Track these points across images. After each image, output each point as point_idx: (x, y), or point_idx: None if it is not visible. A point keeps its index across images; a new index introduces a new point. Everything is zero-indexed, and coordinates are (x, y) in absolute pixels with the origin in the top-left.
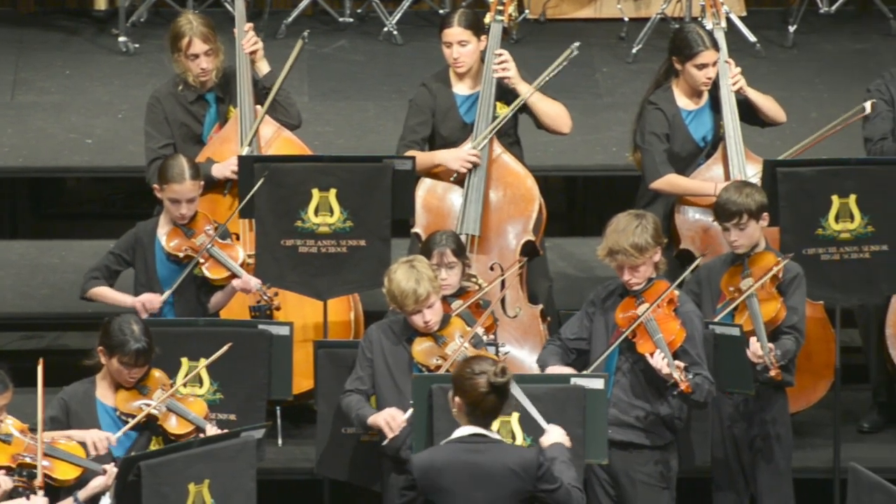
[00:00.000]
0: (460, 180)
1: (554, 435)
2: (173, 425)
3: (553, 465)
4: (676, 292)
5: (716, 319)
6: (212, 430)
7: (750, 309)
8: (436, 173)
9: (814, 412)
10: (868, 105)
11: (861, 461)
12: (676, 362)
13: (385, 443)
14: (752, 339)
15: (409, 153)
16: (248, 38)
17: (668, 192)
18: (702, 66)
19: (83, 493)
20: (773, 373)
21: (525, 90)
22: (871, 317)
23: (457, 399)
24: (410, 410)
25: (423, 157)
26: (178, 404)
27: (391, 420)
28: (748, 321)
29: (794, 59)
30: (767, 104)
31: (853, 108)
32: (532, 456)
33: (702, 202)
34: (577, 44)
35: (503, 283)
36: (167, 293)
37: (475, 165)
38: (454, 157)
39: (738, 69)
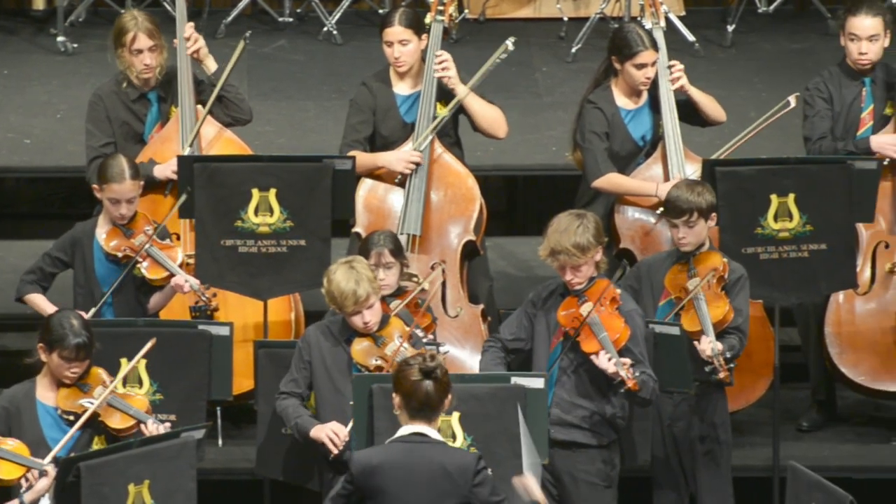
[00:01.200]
0: (404, 182)
1: (522, 480)
2: (115, 421)
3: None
4: (619, 290)
5: (665, 319)
6: (153, 424)
7: (698, 310)
8: (378, 174)
9: (753, 411)
10: (792, 99)
11: (800, 460)
12: (623, 360)
13: (330, 458)
14: (704, 339)
15: (352, 153)
16: (189, 38)
17: (610, 192)
18: (641, 66)
19: (29, 496)
20: (721, 375)
21: (462, 90)
22: (810, 315)
23: (395, 397)
24: (352, 423)
25: (366, 159)
26: (119, 400)
27: (334, 436)
28: (695, 322)
29: (732, 59)
30: (708, 103)
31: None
32: (470, 460)
33: (642, 202)
34: (511, 39)
35: (444, 283)
36: (106, 296)
37: (417, 166)
38: (397, 159)
39: (681, 66)
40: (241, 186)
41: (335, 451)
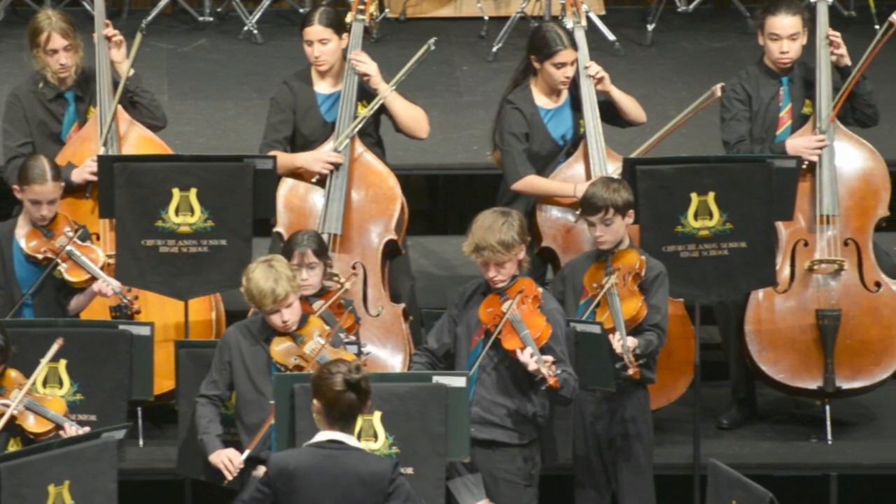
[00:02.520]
0: (322, 182)
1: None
2: (32, 424)
3: None
4: (541, 290)
5: (578, 316)
6: (71, 427)
7: (611, 306)
8: (298, 174)
9: (674, 409)
10: (718, 88)
11: (720, 457)
12: (544, 357)
13: (225, 484)
14: (615, 335)
15: (272, 153)
16: (111, 36)
17: (529, 193)
18: (560, 65)
19: None
20: (631, 371)
21: (385, 89)
22: (731, 313)
23: (315, 402)
24: (248, 452)
25: (285, 159)
26: (36, 403)
27: (229, 463)
28: (609, 318)
29: (652, 58)
30: (629, 104)
31: (711, 106)
32: (385, 468)
33: (563, 200)
34: (434, 39)
35: (365, 283)
36: (24, 297)
37: (337, 166)
38: (315, 159)
39: (598, 67)
40: (162, 186)
41: (229, 478)
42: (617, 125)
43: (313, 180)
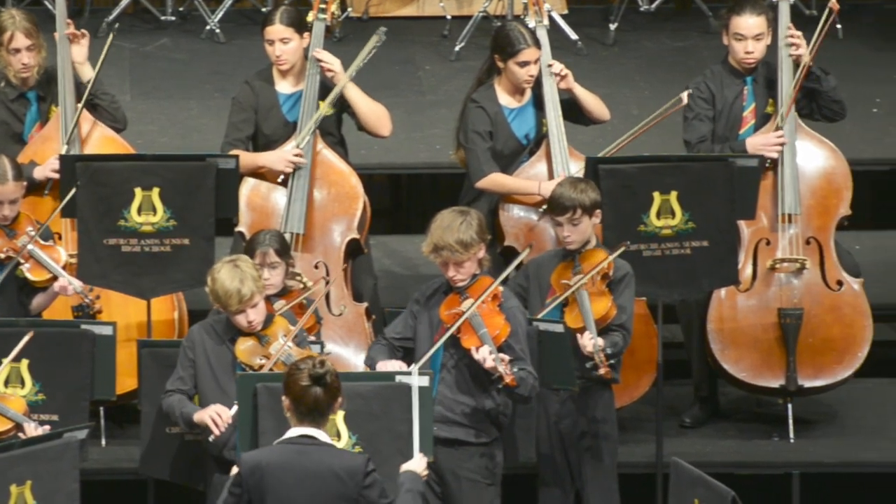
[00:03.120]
0: (287, 181)
1: (413, 463)
2: None
3: (402, 487)
4: (501, 288)
5: (544, 314)
6: (31, 426)
7: (580, 305)
8: (261, 173)
9: (637, 407)
10: (685, 95)
11: (683, 456)
12: (501, 355)
13: (211, 439)
14: (586, 335)
15: (233, 152)
16: (73, 35)
17: (493, 191)
18: (524, 64)
19: None
20: (602, 371)
21: (343, 78)
22: (693, 312)
23: (285, 399)
24: (236, 407)
25: (247, 159)
26: None
27: (217, 417)
28: (578, 318)
29: (615, 57)
30: (593, 102)
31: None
32: (359, 462)
33: (526, 199)
34: (383, 29)
35: (326, 283)
36: None
37: (299, 165)
38: (278, 159)
39: (561, 66)
40: (124, 185)
41: (217, 433)
42: (580, 123)
43: (279, 180)
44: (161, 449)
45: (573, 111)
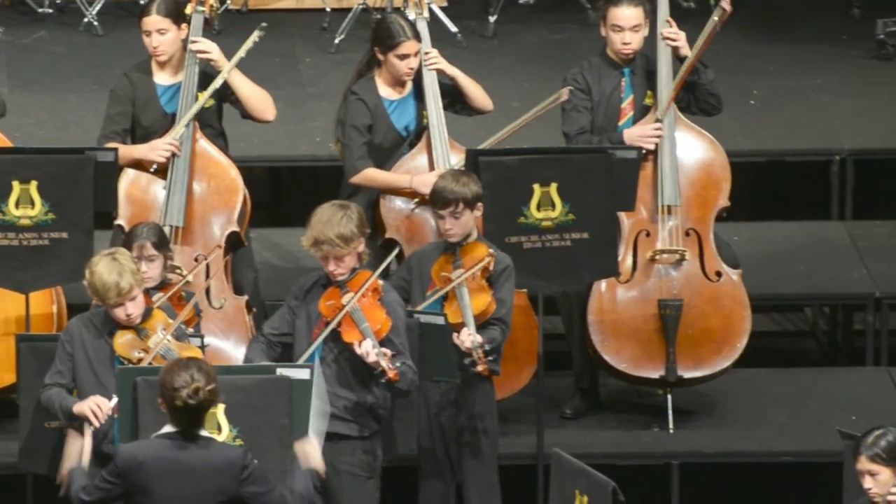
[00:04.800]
0: (162, 171)
1: (308, 444)
2: None
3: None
4: (380, 282)
5: (423, 307)
6: None
7: (460, 300)
8: (141, 165)
9: (518, 399)
10: (565, 92)
11: (564, 447)
12: (383, 350)
13: (91, 430)
14: (464, 331)
15: (110, 145)
16: None
17: (367, 186)
18: (403, 57)
19: None
20: (480, 368)
21: (226, 66)
22: (573, 304)
23: (161, 401)
24: (116, 399)
25: (124, 151)
26: None
27: (96, 408)
28: (457, 313)
29: (494, 49)
30: (474, 89)
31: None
32: (237, 455)
33: (406, 192)
34: (264, 24)
35: (207, 274)
36: None
37: (175, 155)
38: (150, 148)
39: (436, 52)
40: (1, 179)
41: (97, 424)
42: (463, 113)
43: (151, 170)
44: (40, 443)
45: (456, 101)
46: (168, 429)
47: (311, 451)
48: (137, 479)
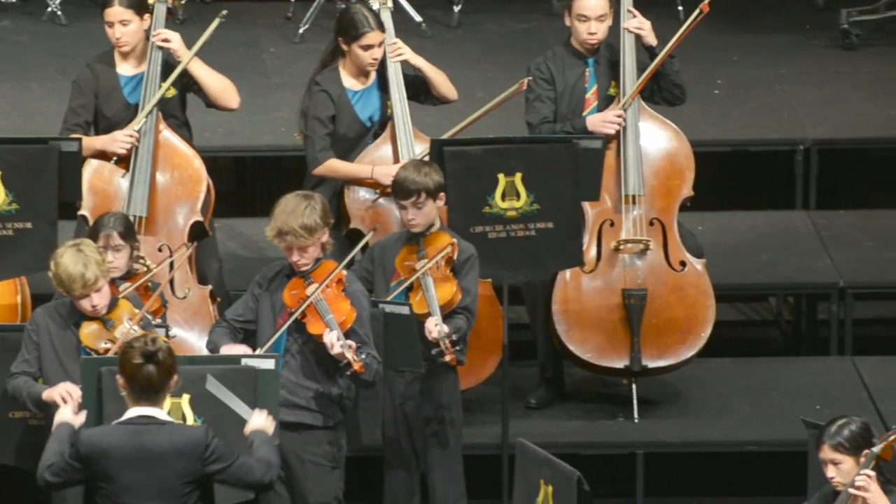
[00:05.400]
0: (125, 161)
1: (256, 420)
2: None
3: (253, 445)
4: (345, 272)
5: (389, 298)
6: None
7: (425, 290)
8: (104, 156)
9: (482, 389)
10: (525, 81)
11: (529, 437)
12: (348, 342)
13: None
14: (430, 320)
15: (73, 136)
16: None
17: (330, 178)
18: (367, 47)
19: None
20: (448, 357)
21: (186, 55)
22: (538, 293)
23: (119, 378)
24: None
25: (86, 142)
26: None
27: (66, 395)
28: (423, 303)
29: (459, 39)
30: (439, 78)
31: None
32: (199, 435)
33: (369, 182)
34: (224, 12)
35: (171, 265)
36: None
37: (136, 146)
38: (111, 140)
39: (400, 43)
40: None
41: (68, 410)
42: (427, 103)
43: (112, 161)
44: (5, 434)
45: (420, 92)
46: (129, 414)
47: (259, 422)
48: (100, 465)
